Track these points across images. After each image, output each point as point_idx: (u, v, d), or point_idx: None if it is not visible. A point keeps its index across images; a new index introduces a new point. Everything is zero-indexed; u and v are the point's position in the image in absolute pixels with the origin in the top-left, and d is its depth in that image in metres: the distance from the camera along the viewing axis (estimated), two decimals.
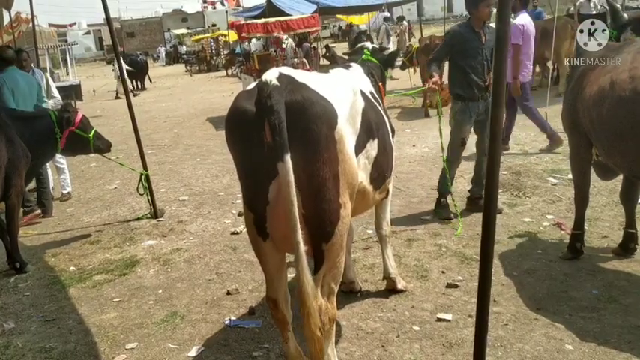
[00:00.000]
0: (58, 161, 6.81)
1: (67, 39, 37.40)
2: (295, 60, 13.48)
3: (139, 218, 6.06)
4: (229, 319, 3.70)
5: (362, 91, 3.01)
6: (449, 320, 3.46)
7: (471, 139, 5.29)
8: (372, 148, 2.95)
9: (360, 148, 2.78)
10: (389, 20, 18.23)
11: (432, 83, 4.88)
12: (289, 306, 2.85)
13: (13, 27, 13.84)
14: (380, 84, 3.88)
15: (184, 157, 9.17)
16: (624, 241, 4.17)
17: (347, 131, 2.63)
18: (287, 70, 2.59)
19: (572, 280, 3.87)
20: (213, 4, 55.68)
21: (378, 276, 4.09)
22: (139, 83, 22.35)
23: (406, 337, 3.32)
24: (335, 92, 2.64)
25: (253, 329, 3.57)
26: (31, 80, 6.30)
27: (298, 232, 2.34)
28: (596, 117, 3.61)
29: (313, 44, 19.49)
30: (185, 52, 37.49)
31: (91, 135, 5.30)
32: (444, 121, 5.18)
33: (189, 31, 46.63)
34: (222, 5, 50.98)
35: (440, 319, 3.48)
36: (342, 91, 2.77)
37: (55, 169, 7.09)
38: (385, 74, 4.17)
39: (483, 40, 4.96)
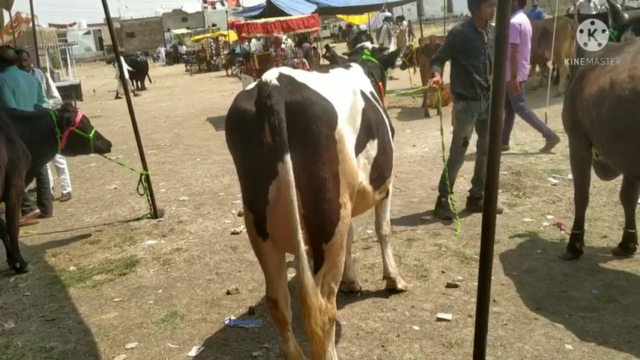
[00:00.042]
0: (57, 161, 6.82)
1: (67, 39, 37.45)
2: (295, 60, 13.47)
3: (139, 218, 6.06)
4: (229, 319, 3.70)
5: (362, 91, 3.01)
6: (449, 320, 3.47)
7: (471, 139, 5.29)
8: (372, 148, 2.94)
9: (359, 148, 2.78)
10: (390, 20, 18.19)
11: (433, 83, 4.89)
12: (289, 306, 2.85)
13: (13, 27, 13.83)
14: (380, 84, 3.88)
15: (184, 157, 9.17)
16: (624, 241, 4.17)
17: (347, 131, 2.63)
18: (287, 70, 2.59)
19: (572, 280, 3.87)
20: (213, 4, 55.71)
21: (378, 276, 4.09)
22: (139, 83, 22.38)
23: (406, 337, 3.32)
24: (335, 92, 2.64)
25: (253, 329, 3.57)
26: (32, 80, 6.31)
27: (299, 232, 2.34)
28: (596, 117, 3.61)
29: (313, 44, 19.49)
30: (185, 52, 37.50)
31: (91, 135, 5.30)
32: (445, 120, 5.18)
33: (189, 31, 46.60)
34: (222, 5, 51.04)
35: (440, 319, 3.49)
36: (342, 91, 2.77)
37: (55, 169, 7.09)
38: (385, 74, 4.17)
39: (486, 39, 4.97)
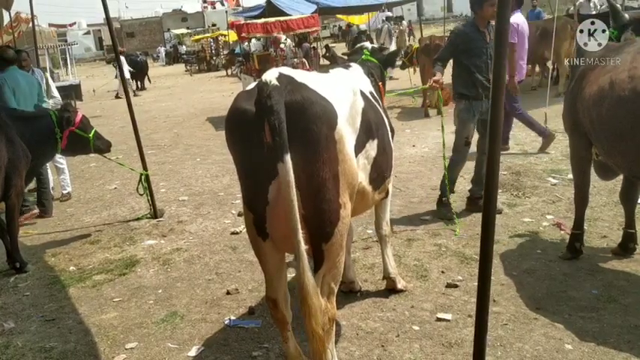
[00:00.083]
0: (57, 161, 6.81)
1: (66, 39, 37.43)
2: (295, 60, 13.46)
3: (138, 218, 6.06)
4: (229, 319, 3.70)
5: (362, 91, 3.01)
6: (448, 320, 3.47)
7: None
8: (372, 148, 2.95)
9: (359, 148, 2.78)
10: (391, 20, 18.18)
11: (433, 81, 4.89)
12: (289, 306, 2.85)
13: (13, 27, 13.82)
14: (380, 84, 3.88)
15: (184, 157, 9.17)
16: (624, 241, 4.17)
17: (347, 131, 2.63)
18: (287, 70, 2.59)
19: (572, 280, 3.87)
20: (213, 4, 55.68)
21: (377, 276, 4.09)
22: (139, 83, 22.38)
23: (406, 337, 3.32)
24: (335, 92, 2.64)
25: (253, 329, 3.57)
26: (32, 80, 6.31)
27: (299, 232, 2.34)
28: (596, 117, 3.62)
29: (313, 44, 19.48)
30: (185, 52, 37.47)
31: (91, 135, 5.30)
32: (446, 120, 5.18)
33: (189, 31, 46.56)
34: (222, 5, 51.00)
35: (439, 319, 3.49)
36: (341, 91, 2.77)
37: (54, 169, 7.09)
38: (385, 74, 4.17)
39: (488, 39, 4.97)
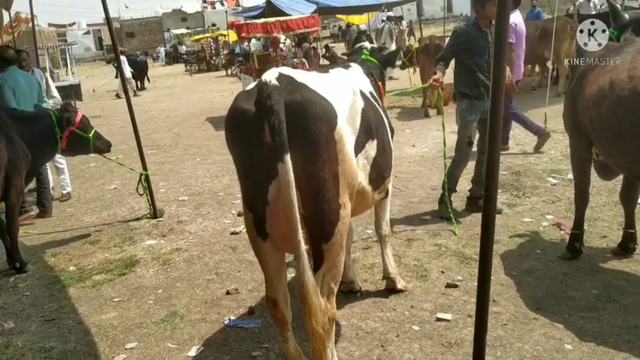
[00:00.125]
0: (57, 161, 6.81)
1: (66, 39, 37.46)
2: (295, 60, 13.47)
3: (138, 218, 6.06)
4: (229, 319, 3.70)
5: (361, 91, 3.01)
6: (448, 320, 3.47)
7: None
8: (372, 148, 2.95)
9: (359, 148, 2.78)
10: (392, 20, 18.14)
11: (433, 80, 4.89)
12: (289, 306, 2.85)
13: (13, 27, 13.81)
14: (379, 84, 3.88)
15: (184, 157, 9.17)
16: (624, 241, 4.17)
17: (346, 131, 2.63)
18: (286, 70, 2.59)
19: (572, 280, 3.87)
20: (213, 4, 55.66)
21: (377, 276, 4.09)
22: (138, 83, 22.38)
23: (406, 337, 3.32)
24: (335, 92, 2.64)
25: (253, 329, 3.57)
26: (32, 80, 6.31)
27: (299, 232, 2.34)
28: (596, 117, 3.62)
29: (313, 44, 19.48)
30: (185, 52, 37.48)
31: (90, 135, 5.30)
32: (446, 119, 5.18)
33: (188, 31, 46.57)
34: (222, 5, 51.00)
35: (439, 319, 3.49)
36: (341, 91, 2.77)
37: (54, 169, 7.09)
38: (384, 74, 4.17)
39: (489, 38, 4.96)
